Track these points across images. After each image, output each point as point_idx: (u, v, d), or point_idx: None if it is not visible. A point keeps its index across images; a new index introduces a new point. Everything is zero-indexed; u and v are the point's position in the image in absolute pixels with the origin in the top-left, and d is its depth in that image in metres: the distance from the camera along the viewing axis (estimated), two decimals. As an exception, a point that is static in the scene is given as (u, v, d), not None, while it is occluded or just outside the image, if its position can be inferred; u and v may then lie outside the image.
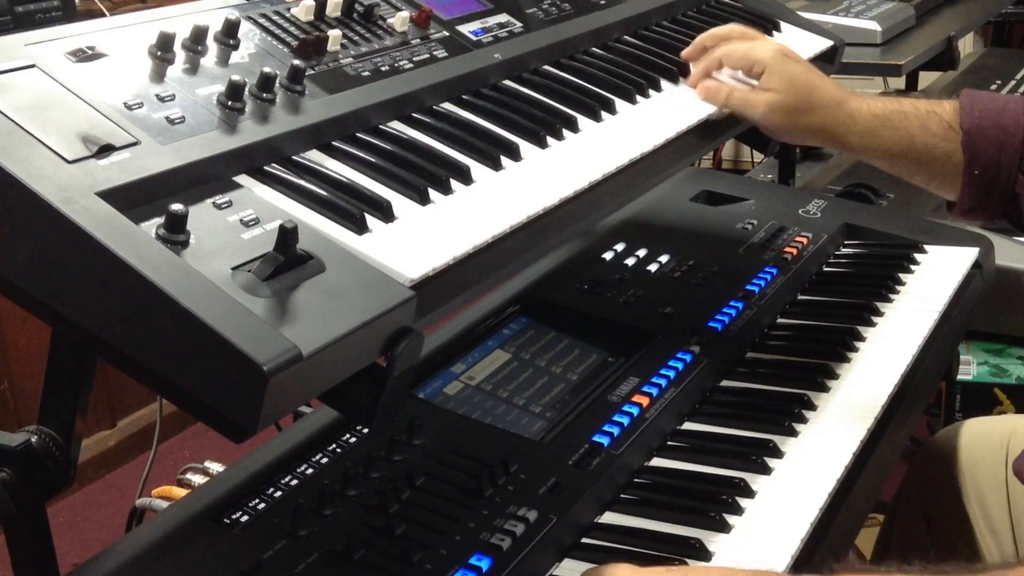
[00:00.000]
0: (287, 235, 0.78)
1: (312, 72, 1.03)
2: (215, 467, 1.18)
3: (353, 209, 0.91)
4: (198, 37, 0.98)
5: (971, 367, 2.40)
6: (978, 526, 1.46)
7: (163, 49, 0.94)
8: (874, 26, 2.31)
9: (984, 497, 1.47)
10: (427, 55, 1.15)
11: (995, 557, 1.43)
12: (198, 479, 1.17)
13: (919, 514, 1.55)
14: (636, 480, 1.14)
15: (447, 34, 1.20)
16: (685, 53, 1.40)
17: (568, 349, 1.34)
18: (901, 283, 1.58)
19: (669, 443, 1.20)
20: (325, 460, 1.09)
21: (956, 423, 1.62)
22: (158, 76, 0.93)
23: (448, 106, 1.14)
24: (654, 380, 1.25)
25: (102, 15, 2.45)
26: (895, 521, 1.62)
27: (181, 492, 1.14)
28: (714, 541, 1.04)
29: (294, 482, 1.06)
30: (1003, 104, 1.33)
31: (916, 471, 1.61)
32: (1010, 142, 1.30)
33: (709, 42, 1.38)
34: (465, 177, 1.03)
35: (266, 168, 0.93)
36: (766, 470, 1.14)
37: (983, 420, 1.64)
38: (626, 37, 1.46)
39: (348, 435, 1.13)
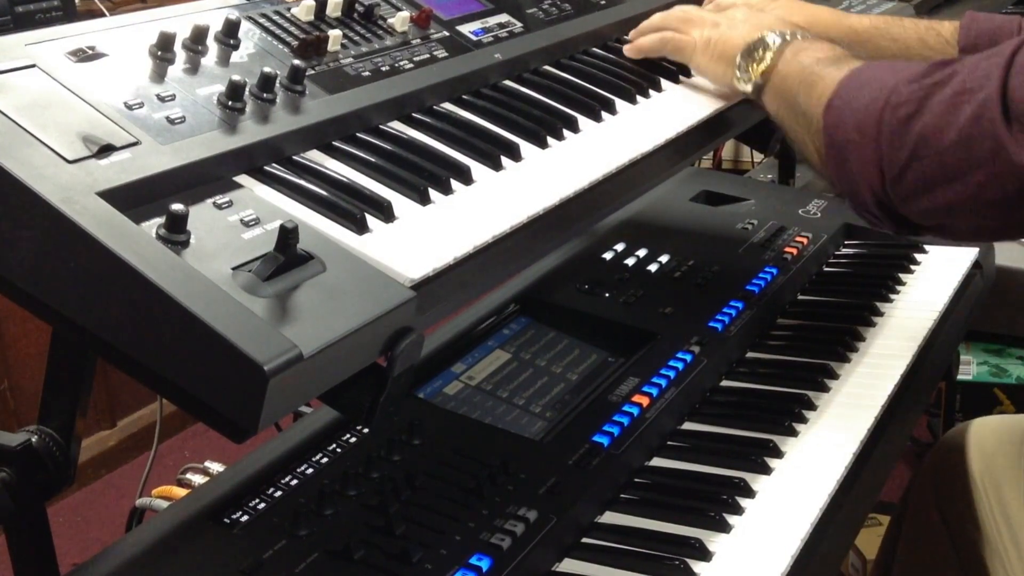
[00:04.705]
0: (287, 235, 0.78)
1: (312, 72, 1.03)
2: (215, 467, 1.18)
3: (354, 209, 0.91)
4: (198, 37, 0.98)
5: (971, 367, 2.40)
6: (994, 518, 1.47)
7: (163, 49, 0.95)
8: (874, 26, 2.30)
9: (1002, 491, 1.48)
10: (427, 55, 1.15)
11: (1009, 547, 1.44)
12: (198, 479, 1.17)
13: (933, 511, 1.56)
14: (636, 480, 1.14)
15: (447, 34, 1.20)
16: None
17: (568, 349, 1.34)
18: (901, 283, 1.58)
19: (669, 443, 1.20)
20: (325, 460, 1.09)
21: (967, 421, 1.62)
22: (158, 76, 0.93)
23: (448, 106, 1.14)
24: (654, 380, 1.25)
25: (102, 15, 2.45)
26: (904, 519, 1.63)
27: (181, 492, 1.14)
28: (714, 541, 1.04)
29: (294, 482, 1.06)
30: (1000, 23, 1.33)
31: (928, 469, 1.61)
32: None
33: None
34: (465, 177, 1.03)
35: (266, 168, 0.93)
36: (766, 470, 1.14)
37: (995, 418, 1.65)
38: (626, 38, 1.46)
39: (348, 435, 1.13)
